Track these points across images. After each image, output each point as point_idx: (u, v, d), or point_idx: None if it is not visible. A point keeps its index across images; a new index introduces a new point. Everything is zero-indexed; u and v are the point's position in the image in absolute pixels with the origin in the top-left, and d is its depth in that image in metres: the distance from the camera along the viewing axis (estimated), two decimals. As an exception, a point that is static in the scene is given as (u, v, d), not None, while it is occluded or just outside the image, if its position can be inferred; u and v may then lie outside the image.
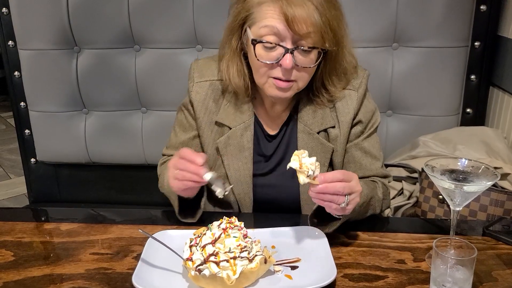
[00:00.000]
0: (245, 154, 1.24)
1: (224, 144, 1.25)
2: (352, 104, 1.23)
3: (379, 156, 1.29)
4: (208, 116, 1.26)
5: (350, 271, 1.00)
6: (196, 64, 1.30)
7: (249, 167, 1.25)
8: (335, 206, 1.00)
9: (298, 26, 1.04)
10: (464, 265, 0.88)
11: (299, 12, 1.03)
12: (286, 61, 1.07)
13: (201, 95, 1.26)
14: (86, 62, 1.79)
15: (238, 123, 1.24)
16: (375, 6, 1.65)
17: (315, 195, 0.99)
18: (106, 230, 1.18)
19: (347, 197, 1.00)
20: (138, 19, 1.72)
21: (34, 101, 1.86)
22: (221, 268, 0.91)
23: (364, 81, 1.25)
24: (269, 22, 1.06)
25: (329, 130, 1.23)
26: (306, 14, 1.03)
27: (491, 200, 1.39)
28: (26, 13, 1.74)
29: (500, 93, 1.72)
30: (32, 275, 1.01)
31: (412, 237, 1.13)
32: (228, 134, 1.24)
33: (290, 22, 1.03)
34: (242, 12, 1.11)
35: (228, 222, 0.98)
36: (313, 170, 0.97)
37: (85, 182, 1.98)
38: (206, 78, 1.27)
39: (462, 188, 0.93)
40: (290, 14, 1.03)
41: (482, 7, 1.64)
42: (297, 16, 1.03)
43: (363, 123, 1.25)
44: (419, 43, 1.68)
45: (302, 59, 1.09)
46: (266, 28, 1.07)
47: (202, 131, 1.28)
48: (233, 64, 1.19)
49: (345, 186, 0.99)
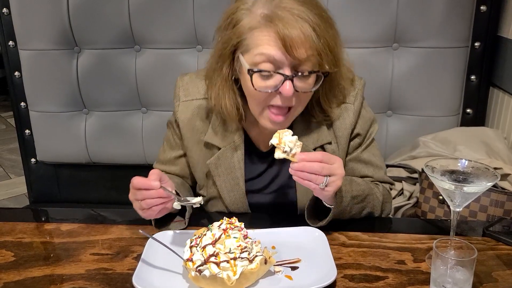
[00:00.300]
0: (237, 175, 1.21)
1: (215, 165, 1.21)
2: (349, 118, 1.19)
3: (381, 164, 1.28)
4: (195, 136, 1.23)
5: (350, 272, 1.00)
6: (181, 81, 1.25)
7: (241, 188, 1.22)
8: (314, 186, 1.01)
9: (296, 51, 0.98)
10: (464, 266, 0.88)
11: (296, 35, 0.97)
12: (286, 88, 1.01)
13: (187, 115, 1.22)
14: (87, 62, 1.79)
15: (228, 143, 1.20)
16: (375, 7, 1.65)
17: (294, 173, 1.01)
18: (106, 231, 1.18)
19: (326, 178, 1.01)
20: (139, 20, 1.72)
21: (34, 101, 1.86)
22: (222, 269, 0.91)
23: (360, 92, 1.21)
24: (265, 49, 1.00)
25: (326, 146, 1.20)
26: (304, 37, 0.97)
27: (491, 201, 1.40)
28: (27, 13, 1.75)
29: (500, 94, 1.72)
30: (32, 275, 1.01)
31: (412, 237, 1.13)
32: (218, 155, 1.21)
33: (288, 47, 0.97)
34: (233, 38, 1.04)
35: (228, 222, 0.98)
36: (290, 147, 0.99)
37: (85, 182, 1.98)
38: (193, 96, 1.23)
39: (462, 189, 0.93)
40: (287, 38, 0.97)
41: (482, 8, 1.64)
42: (295, 40, 0.97)
43: (361, 135, 1.23)
44: (419, 44, 1.68)
45: (301, 85, 1.04)
46: (262, 56, 1.00)
47: (190, 151, 1.25)
48: (225, 94, 1.11)
49: (323, 166, 1.00)
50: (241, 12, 1.03)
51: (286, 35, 0.97)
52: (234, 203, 1.24)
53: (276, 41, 0.98)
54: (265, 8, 1.01)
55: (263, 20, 1.00)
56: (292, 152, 1.00)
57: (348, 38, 1.65)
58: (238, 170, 1.21)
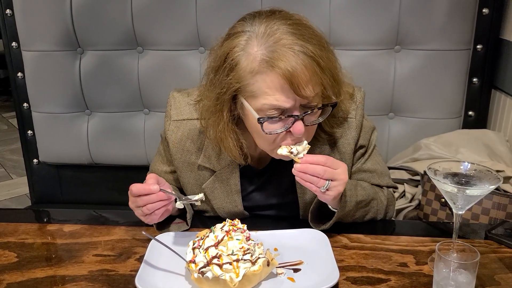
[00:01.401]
0: (234, 198, 1.20)
1: (211, 189, 1.19)
2: (351, 134, 1.17)
3: (385, 171, 1.28)
4: (186, 157, 1.19)
5: (353, 274, 1.00)
6: (173, 99, 1.21)
7: (240, 209, 1.22)
8: (315, 188, 1.01)
9: (304, 90, 0.93)
10: (467, 269, 0.88)
11: (301, 73, 0.92)
12: (298, 128, 0.98)
13: (177, 135, 1.19)
14: (89, 64, 1.80)
15: (223, 166, 1.17)
16: (377, 9, 1.65)
17: (296, 173, 1.01)
18: (109, 232, 1.19)
19: (328, 182, 1.00)
20: (141, 21, 1.73)
21: (37, 102, 1.86)
22: (224, 271, 0.92)
23: (360, 105, 1.18)
24: (273, 99, 0.95)
25: None
26: (310, 74, 0.93)
27: (493, 204, 1.39)
28: (30, 14, 1.75)
29: (503, 96, 1.72)
30: (35, 276, 1.02)
31: (415, 240, 1.13)
32: (214, 178, 1.18)
33: (296, 88, 0.93)
34: (233, 83, 0.98)
35: (231, 224, 0.98)
36: (298, 150, 1.00)
37: (87, 183, 1.98)
38: (184, 116, 1.18)
39: (464, 192, 0.93)
40: (294, 79, 0.92)
41: (484, 10, 1.64)
42: (301, 79, 0.92)
43: (364, 146, 1.22)
44: (421, 46, 1.67)
45: (310, 119, 1.01)
46: (270, 106, 0.96)
47: (180, 171, 1.22)
48: (227, 137, 1.06)
49: (326, 170, 1.00)
50: (236, 53, 0.97)
51: (292, 76, 0.92)
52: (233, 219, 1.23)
53: (283, 86, 0.94)
54: (263, 47, 0.95)
55: (264, 63, 0.94)
56: (299, 155, 1.01)
57: (350, 41, 1.69)
58: (235, 193, 1.20)
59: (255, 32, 0.96)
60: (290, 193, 1.20)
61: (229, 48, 0.98)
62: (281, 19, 0.97)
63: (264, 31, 0.96)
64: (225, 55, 0.99)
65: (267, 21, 0.97)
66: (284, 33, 0.95)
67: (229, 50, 0.98)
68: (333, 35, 1.66)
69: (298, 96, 0.95)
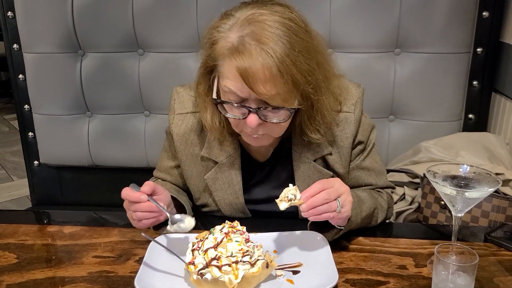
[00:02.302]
0: (235, 189, 1.21)
1: (213, 179, 1.21)
2: (350, 128, 1.17)
3: (383, 170, 1.28)
4: (190, 149, 1.22)
5: (352, 276, 1.01)
6: (176, 93, 1.24)
7: (240, 201, 1.22)
8: (333, 215, 1.00)
9: (258, 88, 0.93)
10: (466, 271, 0.88)
11: (257, 71, 0.92)
12: (251, 120, 0.99)
13: (181, 128, 1.21)
14: (90, 66, 1.80)
15: (224, 157, 1.19)
16: (377, 12, 1.65)
17: (308, 213, 0.98)
18: (108, 233, 1.19)
19: (338, 201, 1.00)
20: (142, 23, 1.73)
21: (38, 104, 1.87)
22: (223, 272, 0.92)
23: (359, 101, 1.18)
24: (230, 84, 0.97)
25: (327, 156, 1.18)
26: (267, 74, 0.92)
27: (493, 206, 1.39)
28: (31, 16, 1.76)
29: (503, 99, 1.72)
30: (34, 277, 1.02)
31: (414, 242, 1.13)
32: (216, 169, 1.20)
33: (249, 83, 0.93)
34: (209, 60, 1.02)
35: (230, 226, 0.98)
36: (293, 194, 0.98)
37: (88, 185, 1.99)
38: (188, 109, 1.21)
39: (464, 194, 0.93)
40: (248, 74, 0.92)
41: (484, 14, 1.64)
42: (255, 77, 0.92)
43: (363, 143, 1.22)
44: (421, 49, 1.68)
45: (270, 115, 1.01)
46: (228, 89, 0.99)
47: (184, 164, 1.24)
48: (206, 108, 1.10)
49: (329, 191, 0.99)
50: (218, 33, 0.99)
51: (246, 71, 0.92)
52: (234, 215, 1.24)
53: (238, 77, 0.94)
54: (238, 34, 0.95)
55: (229, 50, 0.95)
56: (296, 199, 0.98)
57: (350, 43, 1.69)
58: (236, 185, 1.21)
59: (240, 18, 0.97)
60: None
61: (214, 26, 1.01)
62: (273, 12, 0.96)
63: (247, 18, 0.96)
64: (210, 32, 1.01)
65: (258, 9, 0.96)
66: (263, 28, 0.94)
67: (213, 29, 1.01)
68: (333, 37, 1.66)
69: (252, 91, 0.95)
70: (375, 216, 1.17)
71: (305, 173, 1.19)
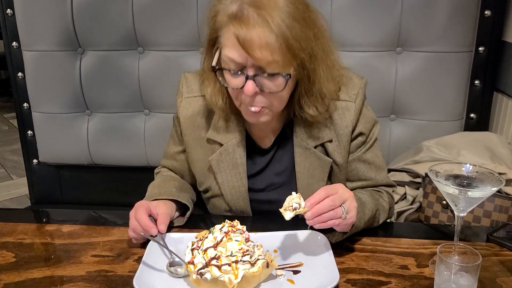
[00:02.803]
0: (239, 171, 1.21)
1: (217, 161, 1.22)
2: (350, 116, 1.18)
3: (383, 166, 1.27)
4: (196, 132, 1.24)
5: (353, 276, 1.00)
6: (184, 78, 1.26)
7: (244, 183, 1.22)
8: (338, 221, 0.99)
9: (254, 53, 0.97)
10: (468, 272, 0.87)
11: (253, 37, 0.96)
12: (248, 87, 1.01)
13: (188, 111, 1.23)
14: (90, 64, 1.79)
15: (230, 139, 1.20)
16: (379, 11, 1.65)
17: (314, 221, 0.97)
18: (107, 232, 1.18)
19: (343, 207, 0.99)
20: (142, 21, 1.72)
21: (37, 102, 1.86)
22: (223, 272, 0.91)
23: (361, 91, 1.19)
24: (228, 51, 1.01)
25: (326, 144, 1.19)
26: (262, 39, 0.96)
27: (495, 206, 1.39)
28: (31, 14, 1.75)
29: (504, 99, 1.71)
30: (32, 276, 1.01)
31: (416, 242, 1.12)
32: (220, 151, 1.21)
33: (246, 49, 0.97)
34: (212, 33, 1.06)
35: (230, 225, 0.97)
36: (297, 203, 0.96)
37: (87, 183, 1.98)
38: (196, 93, 1.23)
39: (466, 194, 0.92)
40: (244, 40, 0.96)
41: (486, 12, 1.64)
42: (252, 42, 0.96)
43: (364, 135, 1.22)
44: (423, 48, 1.67)
45: (268, 84, 1.03)
46: (227, 57, 1.02)
47: (190, 147, 1.26)
48: (209, 84, 1.14)
49: (334, 198, 0.98)
50: (220, 5, 1.03)
51: (243, 37, 0.96)
52: (235, 201, 1.24)
53: (236, 43, 0.98)
54: (238, 3, 0.99)
55: (228, 18, 1.00)
56: (301, 207, 0.96)
57: (352, 42, 1.68)
58: (240, 166, 1.22)
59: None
60: (291, 175, 1.22)
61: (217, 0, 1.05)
62: None
63: None
64: (212, 5, 1.05)
65: None
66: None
67: (216, 2, 1.05)
68: (334, 36, 1.63)
69: (250, 58, 0.98)
70: (377, 218, 1.17)
71: (306, 160, 1.19)
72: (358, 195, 1.13)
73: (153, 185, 1.30)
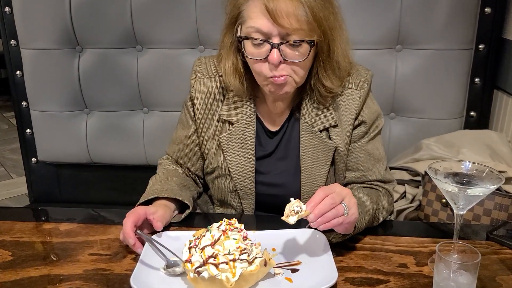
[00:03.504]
0: (248, 150, 1.24)
1: (227, 140, 1.24)
2: (354, 103, 1.22)
3: (383, 158, 1.27)
4: (208, 112, 1.26)
5: (352, 275, 0.99)
6: (199, 61, 1.30)
7: (251, 162, 1.24)
8: (342, 219, 0.98)
9: (282, 20, 1.03)
10: (468, 270, 0.87)
11: (282, 6, 1.02)
12: (274, 56, 1.06)
13: (202, 91, 1.27)
14: (88, 62, 1.79)
15: (241, 119, 1.24)
16: (379, 8, 1.64)
17: (317, 223, 0.96)
18: (105, 231, 1.17)
19: (343, 204, 0.99)
20: (141, 20, 1.72)
21: (35, 100, 1.86)
22: (220, 270, 0.90)
23: (367, 81, 1.24)
24: (254, 22, 1.06)
25: (331, 129, 1.22)
26: (290, 8, 1.02)
27: (495, 204, 1.38)
28: (29, 12, 1.74)
29: (505, 97, 1.71)
30: (29, 275, 1.00)
31: (415, 241, 1.12)
32: (231, 130, 1.24)
33: (274, 17, 1.02)
34: (234, 10, 1.11)
35: (228, 224, 0.97)
36: (298, 207, 0.96)
37: (86, 182, 1.98)
38: (209, 75, 1.27)
39: (466, 192, 0.91)
40: (274, 10, 1.02)
41: (486, 10, 1.63)
42: (280, 10, 1.02)
43: (366, 124, 1.24)
44: (423, 46, 1.66)
45: (291, 53, 1.07)
46: (252, 28, 1.06)
47: (202, 126, 1.28)
48: (227, 62, 1.18)
49: (333, 196, 0.97)
50: None
51: (273, 6, 1.02)
52: (241, 180, 1.25)
53: (265, 12, 1.03)
54: None
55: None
56: (302, 210, 0.96)
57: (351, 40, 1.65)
58: (249, 145, 1.24)
59: None
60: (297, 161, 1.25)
61: None
62: None
63: None
64: None
65: None
66: None
67: None
68: (333, 34, 1.65)
69: (277, 25, 1.03)
70: (376, 217, 1.17)
71: (310, 143, 1.22)
72: (357, 196, 1.12)
73: (155, 179, 1.29)
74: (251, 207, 1.27)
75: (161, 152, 1.42)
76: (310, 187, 1.23)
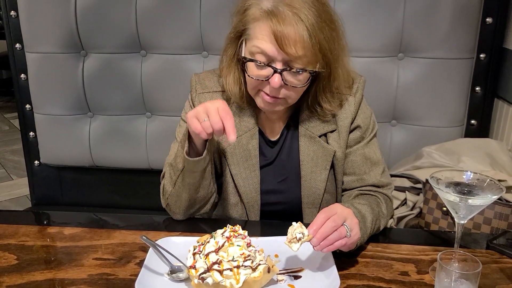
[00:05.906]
0: (252, 162, 1.25)
1: (231, 153, 1.25)
2: (350, 108, 1.24)
3: (380, 162, 1.29)
4: None
5: (353, 282, 1.00)
6: (197, 77, 1.30)
7: (256, 175, 1.25)
8: (345, 241, 0.99)
9: (288, 48, 1.03)
10: (469, 279, 0.88)
11: (290, 33, 1.02)
12: (275, 80, 1.07)
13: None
14: (93, 66, 1.80)
15: (244, 132, 1.25)
16: (381, 16, 1.65)
17: (320, 246, 0.97)
18: (109, 235, 1.18)
19: (345, 225, 1.00)
20: (145, 25, 1.73)
21: (39, 103, 1.87)
22: (224, 277, 0.91)
23: (360, 86, 1.26)
24: (260, 43, 1.06)
25: (328, 134, 1.25)
26: (297, 36, 1.03)
27: (495, 213, 1.39)
28: (34, 16, 1.76)
29: (505, 105, 1.72)
30: (34, 279, 1.01)
31: (416, 249, 1.13)
32: (234, 143, 1.24)
33: (281, 44, 1.03)
34: (240, 25, 1.12)
35: (232, 230, 0.98)
36: (301, 232, 0.97)
37: (88, 185, 1.98)
38: (209, 89, 1.28)
39: (467, 201, 0.92)
40: (281, 36, 1.03)
41: (488, 20, 1.64)
42: (288, 38, 1.03)
43: (361, 128, 1.26)
44: (424, 54, 1.68)
45: (291, 79, 1.09)
46: (257, 48, 1.07)
47: None
48: (229, 72, 1.20)
49: (334, 218, 0.99)
50: (251, 2, 1.10)
51: (280, 32, 1.03)
52: (248, 193, 1.25)
53: (271, 37, 1.04)
54: (272, 2, 1.06)
55: (264, 14, 1.06)
56: (305, 235, 0.97)
57: (353, 47, 1.66)
58: (254, 158, 1.25)
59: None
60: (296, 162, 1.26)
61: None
62: None
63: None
64: (243, 2, 1.12)
65: None
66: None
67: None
68: (336, 41, 1.66)
69: (282, 51, 1.04)
70: (377, 225, 1.17)
71: (310, 148, 1.24)
72: (357, 208, 1.12)
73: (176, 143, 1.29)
74: (256, 215, 1.28)
75: (163, 156, 1.42)
76: (310, 191, 1.25)
